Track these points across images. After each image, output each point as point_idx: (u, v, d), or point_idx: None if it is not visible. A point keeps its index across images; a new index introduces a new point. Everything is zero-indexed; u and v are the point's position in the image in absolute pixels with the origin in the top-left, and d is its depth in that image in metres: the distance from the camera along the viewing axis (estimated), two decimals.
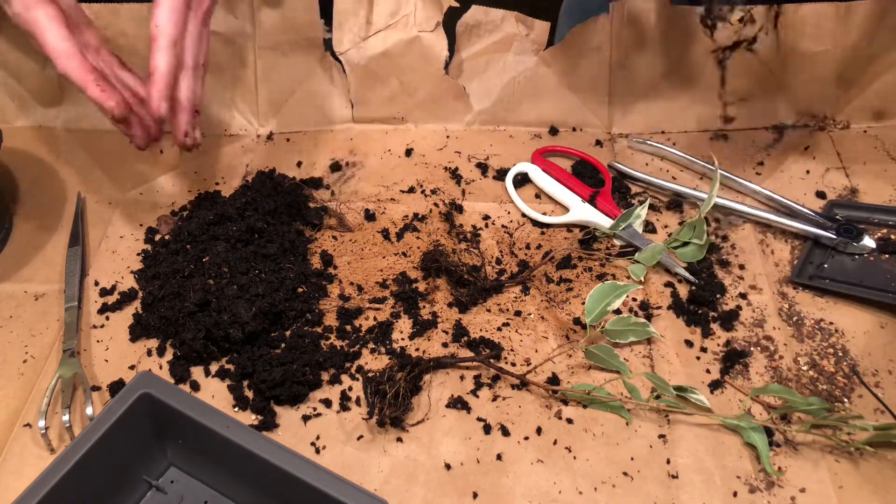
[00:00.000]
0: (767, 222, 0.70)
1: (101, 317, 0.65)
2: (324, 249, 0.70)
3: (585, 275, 0.67)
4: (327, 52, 0.79)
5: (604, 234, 0.70)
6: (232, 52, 0.79)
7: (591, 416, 0.57)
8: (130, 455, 0.52)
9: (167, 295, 0.64)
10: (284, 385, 0.58)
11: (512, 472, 0.54)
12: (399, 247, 0.70)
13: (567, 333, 0.63)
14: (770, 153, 0.77)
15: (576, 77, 0.79)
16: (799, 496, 0.52)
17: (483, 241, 0.71)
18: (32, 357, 0.62)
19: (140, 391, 0.51)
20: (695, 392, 0.57)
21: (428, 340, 0.63)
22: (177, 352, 0.62)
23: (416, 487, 0.54)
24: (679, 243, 0.67)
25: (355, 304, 0.65)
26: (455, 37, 0.78)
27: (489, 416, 0.57)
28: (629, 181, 0.75)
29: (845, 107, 0.78)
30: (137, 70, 0.65)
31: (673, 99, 0.79)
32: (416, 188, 0.76)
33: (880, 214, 0.69)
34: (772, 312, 0.63)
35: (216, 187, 0.76)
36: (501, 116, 0.81)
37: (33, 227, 0.73)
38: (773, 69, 0.76)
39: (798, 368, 0.60)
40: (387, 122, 0.82)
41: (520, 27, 0.77)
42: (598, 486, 0.53)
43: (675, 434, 0.56)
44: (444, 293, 0.66)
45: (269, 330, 0.63)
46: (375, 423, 0.57)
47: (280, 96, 0.81)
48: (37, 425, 0.57)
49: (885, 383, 0.58)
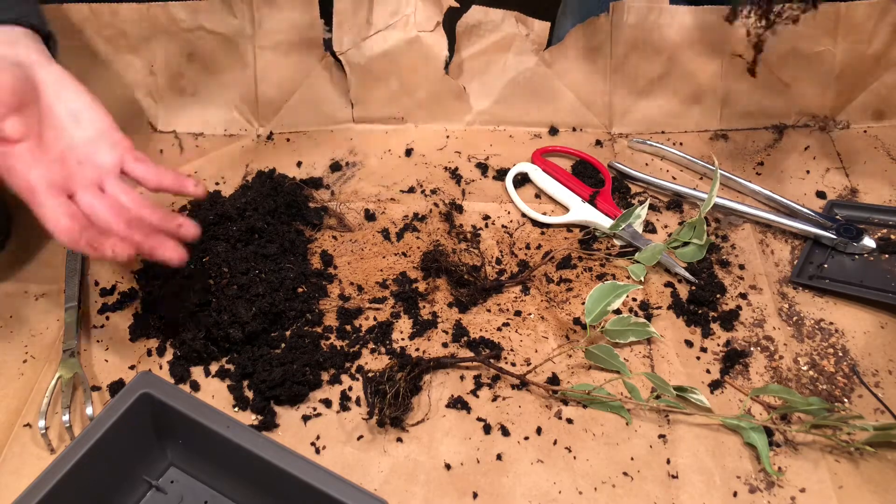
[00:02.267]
0: (767, 222, 0.70)
1: (101, 317, 0.65)
2: (324, 249, 0.70)
3: (585, 275, 0.67)
4: (327, 52, 0.79)
5: (604, 234, 0.70)
6: (232, 52, 0.79)
7: (591, 416, 0.57)
8: (130, 455, 0.52)
9: (167, 295, 0.64)
10: (284, 385, 0.58)
11: (512, 472, 0.54)
12: (399, 247, 0.70)
13: (567, 333, 0.63)
14: (770, 153, 0.77)
15: (576, 77, 0.79)
16: (799, 496, 0.52)
17: (483, 241, 0.71)
18: (32, 357, 0.62)
19: (140, 391, 0.51)
20: (695, 392, 0.57)
21: (428, 340, 0.63)
22: (177, 352, 0.62)
23: (416, 487, 0.54)
24: (679, 243, 0.67)
25: (355, 304, 0.65)
26: (455, 37, 0.78)
27: (489, 416, 0.57)
28: (629, 181, 0.75)
29: (845, 107, 0.78)
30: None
31: (673, 99, 0.79)
32: (416, 188, 0.76)
33: (880, 214, 0.69)
34: (772, 312, 0.63)
35: (216, 187, 0.76)
36: (501, 116, 0.81)
37: (33, 228, 0.73)
38: (773, 69, 0.76)
39: (798, 368, 0.60)
40: (387, 122, 0.82)
41: (520, 27, 0.77)
42: (598, 486, 0.53)
43: (675, 434, 0.56)
44: (444, 293, 0.66)
45: (269, 330, 0.63)
46: (375, 423, 0.57)
47: (280, 96, 0.81)
48: (37, 425, 0.57)
49: (885, 383, 0.58)
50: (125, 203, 0.56)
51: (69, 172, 0.55)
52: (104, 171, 0.57)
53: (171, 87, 0.81)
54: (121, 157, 0.57)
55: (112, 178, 0.57)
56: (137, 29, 0.78)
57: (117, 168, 0.57)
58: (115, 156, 0.57)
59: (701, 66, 0.76)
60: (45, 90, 0.56)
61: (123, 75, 0.80)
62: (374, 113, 0.82)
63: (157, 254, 0.54)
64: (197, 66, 0.80)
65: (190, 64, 0.79)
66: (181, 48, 0.79)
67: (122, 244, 0.53)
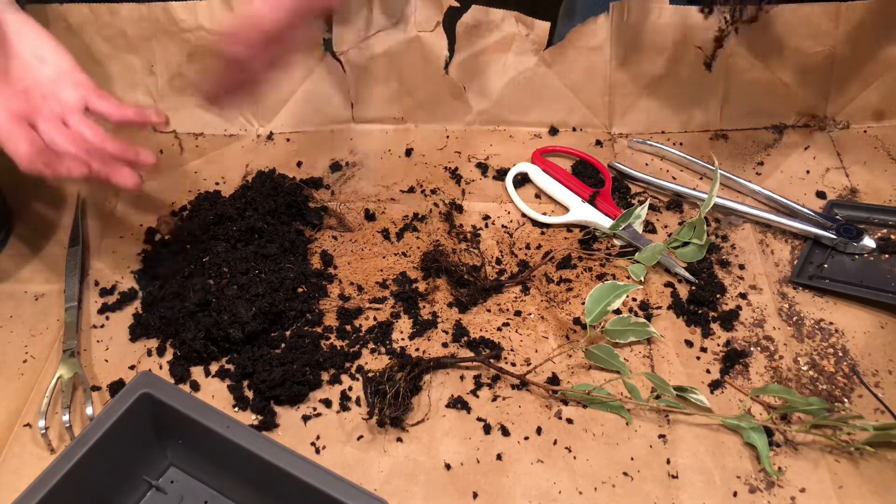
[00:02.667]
0: (767, 222, 0.70)
1: (101, 317, 0.65)
2: (324, 249, 0.70)
3: (585, 275, 0.67)
4: (327, 52, 0.79)
5: (604, 234, 0.70)
6: None
7: (591, 416, 0.57)
8: (130, 455, 0.52)
9: (167, 295, 0.64)
10: (284, 385, 0.58)
11: (512, 472, 0.54)
12: (399, 247, 0.70)
13: (567, 333, 0.63)
14: (770, 153, 0.77)
15: (576, 77, 0.79)
16: (799, 496, 0.52)
17: (483, 241, 0.71)
18: (32, 357, 0.62)
19: (140, 391, 0.51)
20: (695, 392, 0.57)
21: (428, 340, 0.63)
22: (177, 352, 0.62)
23: (416, 487, 0.54)
24: (679, 243, 0.67)
25: (355, 304, 0.65)
26: (455, 37, 0.78)
27: (489, 416, 0.57)
28: (629, 181, 0.75)
29: (845, 107, 0.78)
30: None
31: (673, 99, 0.79)
32: (416, 188, 0.76)
33: (880, 214, 0.69)
34: (772, 312, 0.63)
35: (216, 187, 0.76)
36: (501, 116, 0.81)
37: (33, 228, 0.73)
38: (774, 69, 0.76)
39: (798, 368, 0.60)
40: (387, 122, 0.82)
41: (520, 27, 0.77)
42: (598, 486, 0.53)
43: (675, 434, 0.56)
44: (444, 293, 0.66)
45: (269, 330, 0.63)
46: (375, 423, 0.57)
47: (280, 96, 0.81)
48: (37, 425, 0.57)
49: (885, 383, 0.58)
50: (87, 137, 0.60)
51: (33, 106, 0.59)
52: (67, 108, 0.60)
53: (171, 87, 0.81)
54: (84, 96, 0.61)
55: (75, 114, 0.61)
56: (137, 29, 0.78)
57: (81, 105, 0.61)
58: (78, 94, 0.61)
59: (701, 66, 0.76)
60: (9, 33, 0.60)
61: (123, 75, 0.80)
62: (374, 113, 0.82)
63: (113, 178, 0.58)
64: (197, 66, 0.80)
65: (190, 64, 0.80)
66: (181, 48, 0.79)
67: (77, 163, 0.56)
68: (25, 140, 0.56)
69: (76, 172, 0.56)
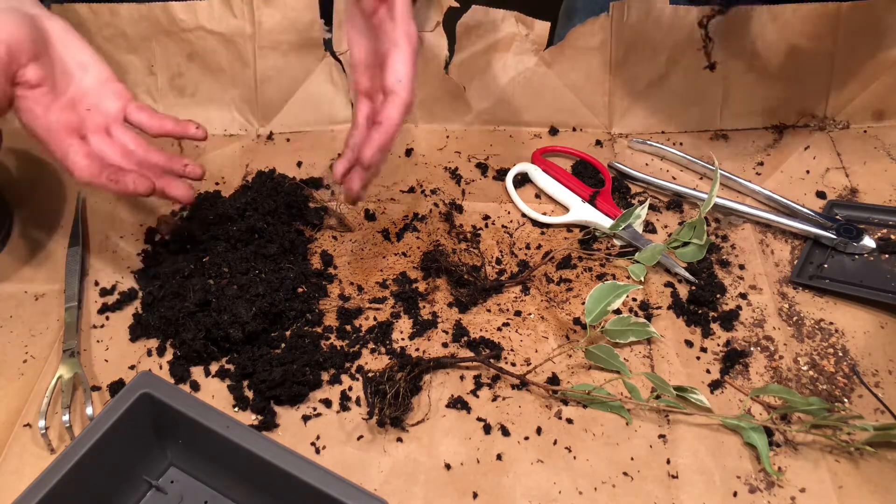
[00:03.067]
0: (767, 222, 0.70)
1: (101, 317, 0.65)
2: (324, 249, 0.70)
3: (585, 275, 0.67)
4: (327, 52, 0.79)
5: (604, 234, 0.70)
6: (232, 52, 0.79)
7: (591, 416, 0.57)
8: (130, 455, 0.52)
9: (167, 295, 0.64)
10: (284, 385, 0.58)
11: (512, 472, 0.54)
12: (399, 247, 0.70)
13: (567, 333, 0.63)
14: (770, 153, 0.77)
15: (576, 77, 0.79)
16: (799, 496, 0.52)
17: (483, 241, 0.71)
18: (32, 357, 0.62)
19: (140, 391, 0.51)
20: (695, 392, 0.57)
21: (428, 340, 0.63)
22: (177, 352, 0.62)
23: (416, 487, 0.54)
24: (679, 243, 0.67)
25: (355, 304, 0.65)
26: (455, 37, 0.78)
27: (489, 416, 0.57)
28: (629, 181, 0.75)
29: (845, 107, 0.78)
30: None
31: (673, 99, 0.79)
32: (416, 188, 0.76)
33: (880, 214, 0.69)
34: (772, 312, 0.63)
35: (216, 187, 0.76)
36: (501, 116, 0.81)
37: (33, 228, 0.73)
38: (774, 69, 0.76)
39: (798, 368, 0.60)
40: None
41: (520, 27, 0.77)
42: (598, 486, 0.53)
43: (675, 434, 0.56)
44: (444, 293, 0.66)
45: (269, 330, 0.63)
46: (375, 423, 0.57)
47: (280, 96, 0.81)
48: (37, 425, 0.57)
49: (885, 383, 0.58)
50: (132, 148, 0.60)
51: (81, 117, 0.58)
52: (110, 118, 0.60)
53: (171, 87, 0.81)
54: (124, 106, 0.60)
55: (117, 125, 0.60)
56: (137, 29, 0.78)
57: (121, 115, 0.61)
58: (118, 104, 0.60)
59: (701, 66, 0.76)
60: (54, 41, 0.58)
61: (123, 75, 0.80)
62: None
63: (169, 191, 0.59)
64: (197, 66, 0.80)
65: (190, 64, 0.80)
66: (181, 48, 0.79)
67: (141, 179, 0.56)
68: (82, 153, 0.56)
69: (142, 188, 0.56)
